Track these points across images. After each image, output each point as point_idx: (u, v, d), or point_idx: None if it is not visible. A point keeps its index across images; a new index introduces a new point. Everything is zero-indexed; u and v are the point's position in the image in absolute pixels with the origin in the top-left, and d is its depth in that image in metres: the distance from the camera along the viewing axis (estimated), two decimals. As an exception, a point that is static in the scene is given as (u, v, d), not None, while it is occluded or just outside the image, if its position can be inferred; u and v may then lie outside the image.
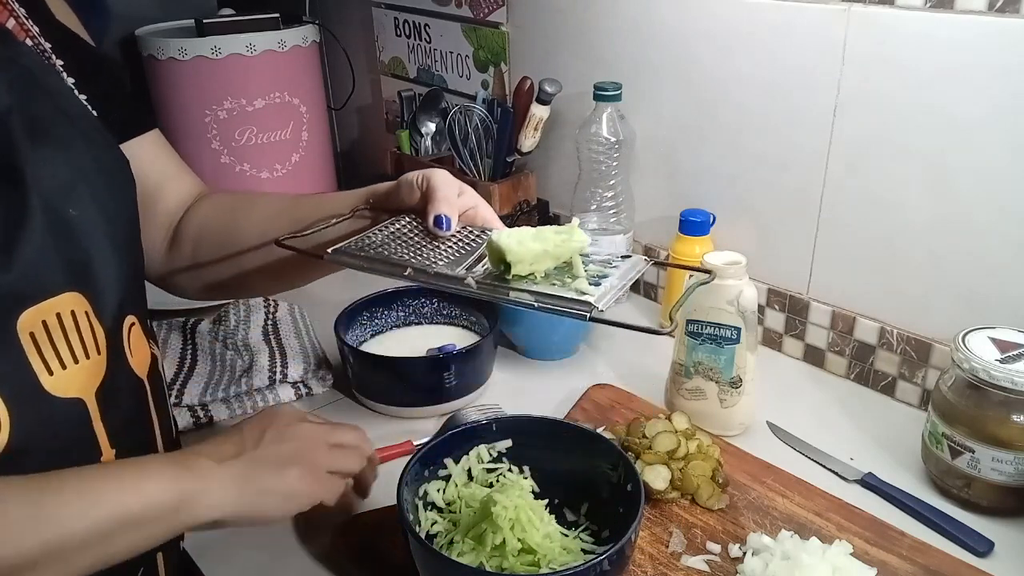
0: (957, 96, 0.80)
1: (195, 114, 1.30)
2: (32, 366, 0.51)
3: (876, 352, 0.94)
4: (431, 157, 1.34)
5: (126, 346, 0.59)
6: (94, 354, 0.55)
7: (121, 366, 0.58)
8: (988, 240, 0.82)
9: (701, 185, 1.07)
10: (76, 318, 0.54)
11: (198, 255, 0.77)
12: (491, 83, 1.30)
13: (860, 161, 0.89)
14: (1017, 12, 0.74)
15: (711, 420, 0.86)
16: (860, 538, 0.70)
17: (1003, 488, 0.73)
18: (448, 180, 0.67)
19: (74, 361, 0.53)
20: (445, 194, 0.66)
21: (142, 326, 0.63)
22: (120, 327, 0.59)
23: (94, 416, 0.55)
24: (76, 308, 0.54)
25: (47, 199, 0.52)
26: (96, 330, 0.55)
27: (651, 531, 0.73)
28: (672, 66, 1.04)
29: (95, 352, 0.55)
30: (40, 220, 0.52)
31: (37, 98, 0.55)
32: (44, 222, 0.52)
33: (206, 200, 0.80)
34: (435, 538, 0.67)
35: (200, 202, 0.80)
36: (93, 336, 0.55)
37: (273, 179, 1.37)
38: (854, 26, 0.85)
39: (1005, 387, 0.70)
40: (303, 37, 1.35)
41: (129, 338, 0.60)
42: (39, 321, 0.51)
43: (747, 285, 0.82)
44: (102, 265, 0.56)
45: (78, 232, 0.55)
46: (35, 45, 0.61)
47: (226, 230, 0.76)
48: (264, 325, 1.07)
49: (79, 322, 0.54)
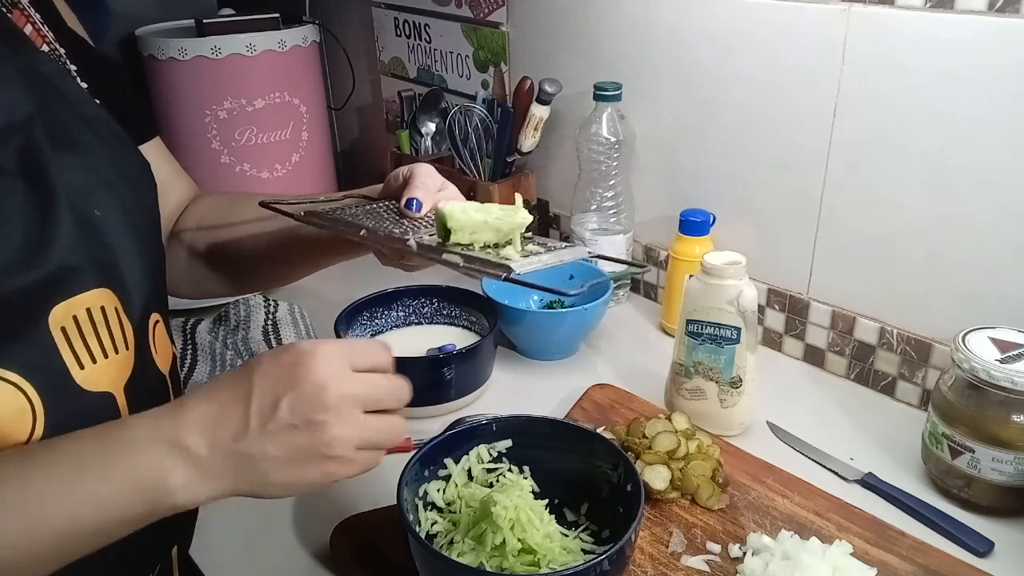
0: (957, 96, 0.80)
1: (195, 114, 1.30)
2: (64, 360, 0.51)
3: (876, 352, 0.94)
4: (431, 157, 1.34)
5: (151, 343, 0.60)
6: (123, 349, 0.56)
7: (147, 362, 0.59)
8: (988, 240, 0.82)
9: (701, 185, 1.07)
10: (106, 314, 0.54)
11: (193, 258, 0.79)
12: (491, 83, 1.30)
13: (860, 161, 0.89)
14: (1017, 12, 0.74)
15: (711, 420, 0.86)
16: (860, 538, 0.70)
17: (1003, 488, 0.73)
18: (430, 172, 0.69)
19: (104, 356, 0.54)
20: (423, 182, 0.67)
21: (165, 325, 0.64)
22: (146, 324, 0.60)
23: (123, 410, 0.56)
24: (106, 304, 0.54)
25: (72, 201, 0.53)
26: (125, 326, 0.56)
27: (651, 531, 0.73)
28: (672, 66, 1.04)
29: (124, 347, 0.56)
30: (69, 220, 0.52)
31: (57, 104, 0.56)
32: (72, 222, 0.53)
33: (200, 201, 0.81)
34: (435, 538, 0.67)
35: (194, 204, 0.81)
36: (122, 332, 0.56)
37: (273, 179, 1.37)
38: (854, 26, 0.85)
39: (1005, 387, 0.70)
40: (303, 37, 1.35)
41: (154, 336, 0.61)
42: (70, 316, 0.52)
43: (747, 285, 0.82)
44: (128, 264, 0.57)
45: (103, 232, 0.56)
46: (51, 51, 0.62)
47: (220, 232, 0.78)
48: (264, 325, 1.07)
49: (108, 318, 0.54)
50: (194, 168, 1.34)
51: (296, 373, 0.50)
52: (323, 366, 0.51)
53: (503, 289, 1.04)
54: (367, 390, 0.53)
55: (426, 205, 0.66)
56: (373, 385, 0.53)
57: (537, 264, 0.59)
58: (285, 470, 0.50)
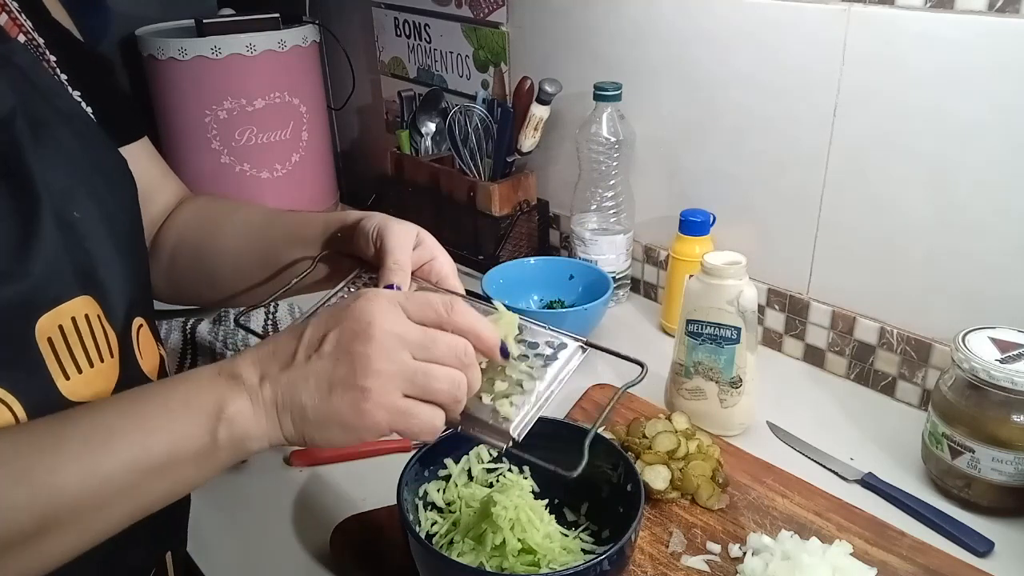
0: (957, 96, 0.80)
1: (195, 114, 1.30)
2: (50, 371, 0.50)
3: (876, 352, 0.94)
4: (431, 157, 1.34)
5: (136, 348, 0.59)
6: (108, 357, 0.55)
7: (133, 368, 0.58)
8: (988, 240, 0.82)
9: (701, 185, 1.07)
10: (90, 322, 0.53)
11: (174, 265, 0.77)
12: (491, 83, 1.30)
13: (860, 161, 0.89)
14: (1017, 12, 0.74)
15: (711, 420, 0.86)
16: (860, 538, 0.70)
17: (1003, 488, 0.73)
18: (402, 238, 0.63)
19: (89, 365, 0.53)
20: (397, 258, 0.61)
21: (150, 327, 0.63)
22: (130, 329, 0.58)
23: None
24: (89, 312, 0.53)
25: (54, 203, 0.52)
26: (108, 333, 0.55)
27: (651, 531, 0.72)
28: (672, 66, 1.04)
29: (108, 355, 0.55)
30: (51, 224, 0.51)
31: (34, 97, 0.55)
32: (55, 226, 0.51)
33: (185, 207, 0.79)
34: (435, 538, 0.67)
35: (179, 210, 0.79)
36: (107, 339, 0.55)
37: (273, 179, 1.37)
38: (854, 26, 0.85)
39: (1005, 387, 0.70)
40: (303, 37, 1.35)
41: (139, 340, 0.60)
42: (56, 326, 0.51)
43: (747, 285, 0.82)
44: (109, 267, 0.56)
45: (83, 235, 0.54)
46: (28, 40, 0.61)
47: (201, 243, 0.76)
48: (264, 325, 1.07)
49: (93, 326, 0.53)
50: (194, 168, 1.35)
51: (347, 311, 0.50)
52: (374, 305, 0.50)
53: (503, 289, 1.04)
54: (418, 335, 0.50)
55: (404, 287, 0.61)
56: (426, 332, 0.50)
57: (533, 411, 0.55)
58: (321, 403, 0.48)
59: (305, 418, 0.49)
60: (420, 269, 0.65)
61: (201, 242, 0.76)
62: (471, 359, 0.52)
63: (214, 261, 0.75)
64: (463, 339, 0.52)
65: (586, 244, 1.12)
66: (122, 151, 0.71)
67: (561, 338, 0.60)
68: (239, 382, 0.49)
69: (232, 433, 0.48)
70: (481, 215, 1.23)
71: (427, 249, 0.65)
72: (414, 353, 0.49)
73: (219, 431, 0.48)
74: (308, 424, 0.49)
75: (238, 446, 0.49)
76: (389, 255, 0.61)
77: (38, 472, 0.44)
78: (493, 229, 1.22)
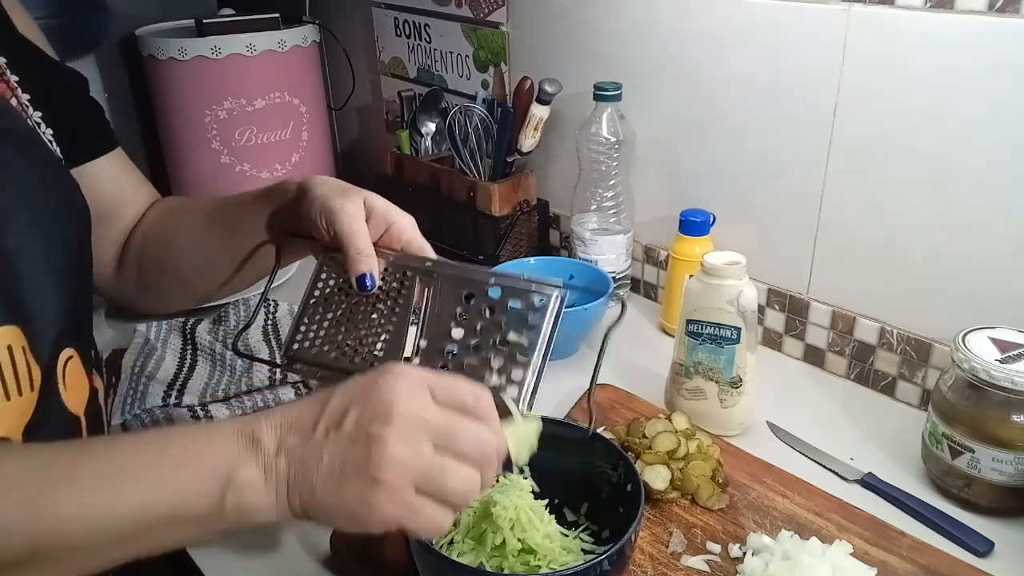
0: (957, 96, 0.80)
1: (195, 114, 1.30)
2: None
3: (876, 352, 0.94)
4: (431, 157, 1.34)
5: (60, 382, 0.57)
6: (27, 391, 0.52)
7: (53, 402, 0.55)
8: (988, 240, 0.82)
9: (701, 185, 1.07)
10: (12, 353, 0.51)
11: (142, 271, 0.76)
12: (491, 83, 1.30)
13: (860, 161, 0.89)
14: (1017, 12, 0.74)
15: (711, 420, 0.86)
16: (860, 538, 0.70)
17: (1003, 488, 0.73)
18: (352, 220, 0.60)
19: (6, 398, 0.51)
20: (357, 246, 0.60)
21: (82, 359, 0.60)
22: (56, 362, 0.56)
23: None
24: (12, 343, 0.51)
25: None
26: (31, 366, 0.53)
27: (651, 531, 0.73)
28: (672, 66, 1.04)
29: (28, 389, 0.52)
30: None
31: None
32: None
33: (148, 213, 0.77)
34: (434, 538, 0.67)
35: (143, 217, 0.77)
36: (28, 372, 0.52)
37: (273, 179, 1.36)
38: (854, 26, 0.85)
39: (1005, 387, 0.70)
40: (303, 37, 1.35)
41: (65, 373, 0.57)
42: None
43: (747, 285, 0.82)
44: (40, 298, 0.54)
45: (15, 264, 0.52)
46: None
47: (163, 245, 0.74)
48: (264, 325, 1.07)
49: (15, 358, 0.51)
50: (194, 168, 1.35)
51: (372, 387, 0.48)
52: (399, 384, 0.48)
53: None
54: (441, 421, 0.48)
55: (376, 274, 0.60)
56: (450, 420, 0.48)
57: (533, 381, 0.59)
58: (330, 484, 0.47)
59: (314, 499, 0.47)
60: (381, 239, 0.63)
61: (163, 244, 0.74)
62: (493, 454, 0.50)
63: (179, 261, 0.74)
64: (489, 431, 0.50)
65: (586, 244, 1.12)
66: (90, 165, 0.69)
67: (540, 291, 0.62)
68: (257, 448, 0.48)
69: (240, 502, 0.47)
70: (481, 215, 1.23)
71: (380, 217, 0.63)
72: (435, 440, 0.47)
73: (227, 498, 0.46)
74: (316, 507, 0.48)
75: (243, 517, 0.47)
76: (348, 244, 0.60)
77: (43, 504, 0.43)
78: (493, 229, 1.22)
